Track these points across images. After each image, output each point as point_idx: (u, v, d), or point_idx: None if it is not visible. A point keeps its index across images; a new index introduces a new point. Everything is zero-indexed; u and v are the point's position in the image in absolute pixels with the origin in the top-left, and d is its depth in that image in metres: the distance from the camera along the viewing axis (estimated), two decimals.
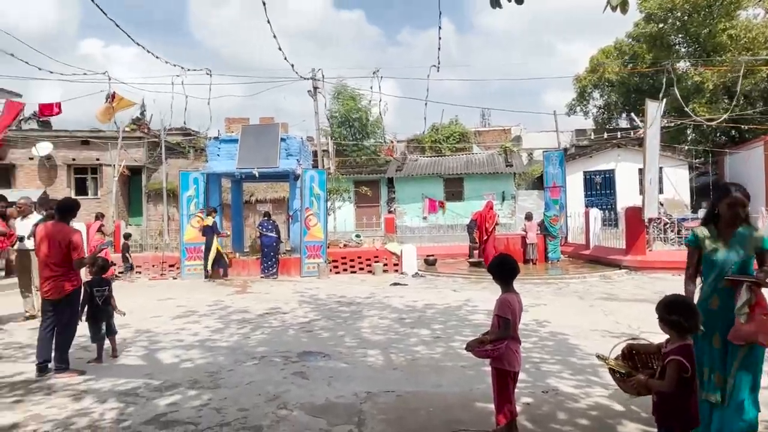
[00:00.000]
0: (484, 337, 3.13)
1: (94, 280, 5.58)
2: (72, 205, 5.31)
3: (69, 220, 5.23)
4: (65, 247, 4.99)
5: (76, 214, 5.41)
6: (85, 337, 5.68)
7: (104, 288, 5.56)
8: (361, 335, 6.55)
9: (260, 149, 13.37)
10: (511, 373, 3.14)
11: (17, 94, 14.05)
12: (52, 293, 5.00)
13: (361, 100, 26.88)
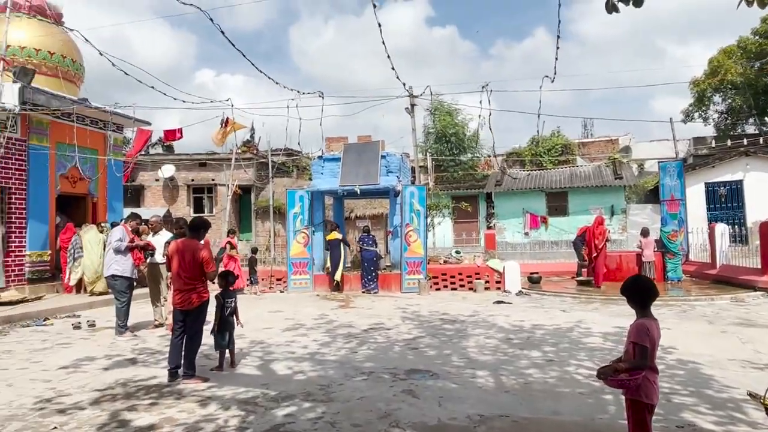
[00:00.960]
0: (618, 365, 2.88)
1: (223, 291, 5.96)
2: (200, 223, 5.72)
3: (199, 236, 5.65)
4: (196, 261, 5.39)
5: (206, 232, 5.82)
6: (206, 345, 6.08)
7: (231, 300, 5.92)
8: (468, 354, 6.39)
9: (362, 167, 13.71)
10: (648, 406, 2.86)
11: (146, 123, 15.59)
12: (183, 304, 5.41)
13: (457, 115, 26.76)
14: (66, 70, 14.14)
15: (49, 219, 12.55)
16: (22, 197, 11.96)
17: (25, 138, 12.02)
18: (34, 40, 13.48)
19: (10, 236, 11.67)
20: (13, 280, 11.63)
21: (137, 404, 4.63)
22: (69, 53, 14.27)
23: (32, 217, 12.09)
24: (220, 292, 5.94)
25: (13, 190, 11.78)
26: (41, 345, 7.32)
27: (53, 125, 12.55)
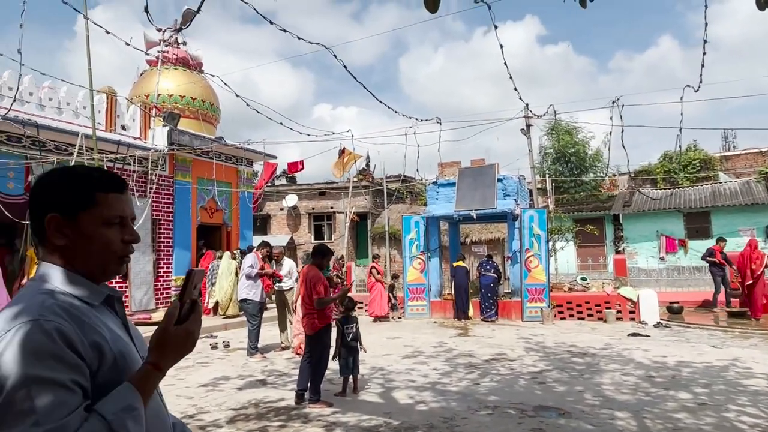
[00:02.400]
0: None
1: (343, 317, 6.07)
2: (318, 250, 5.87)
3: (321, 263, 5.81)
4: (308, 288, 5.55)
5: (327, 259, 5.98)
6: (330, 370, 6.19)
7: (351, 326, 6.01)
8: (603, 392, 5.83)
9: (477, 191, 13.46)
10: None
11: (273, 156, 16.74)
12: (307, 329, 5.58)
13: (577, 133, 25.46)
14: (205, 113, 15.73)
15: (191, 247, 13.85)
16: (169, 228, 13.37)
17: (172, 175, 13.48)
18: (180, 87, 15.20)
19: (159, 263, 13.04)
20: (162, 303, 12.93)
21: (268, 425, 4.79)
22: (208, 97, 15.87)
23: (177, 245, 13.44)
24: (339, 318, 6.05)
25: (162, 221, 13.21)
26: (184, 363, 7.96)
27: (195, 162, 13.94)
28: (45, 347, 0.97)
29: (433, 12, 3.20)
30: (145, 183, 12.62)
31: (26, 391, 0.93)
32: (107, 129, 12.05)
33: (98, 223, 1.16)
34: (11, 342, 0.96)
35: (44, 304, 1.04)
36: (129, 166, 12.01)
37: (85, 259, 1.16)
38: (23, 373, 0.94)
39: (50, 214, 1.13)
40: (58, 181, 1.17)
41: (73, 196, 1.15)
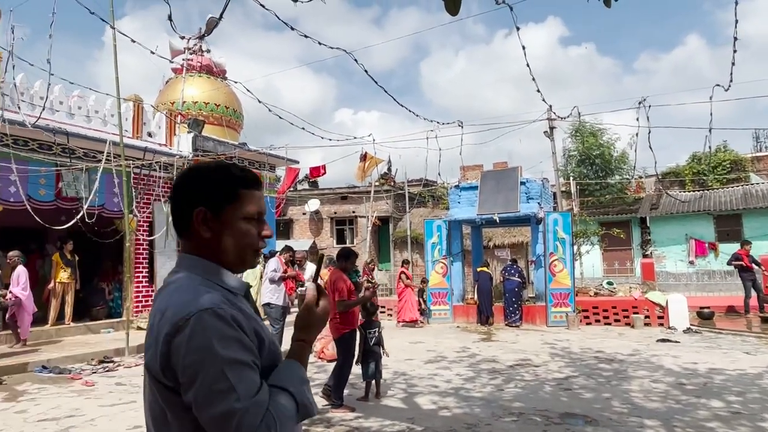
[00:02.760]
0: None
1: (365, 322, 6.06)
2: (342, 253, 5.89)
3: (344, 266, 5.78)
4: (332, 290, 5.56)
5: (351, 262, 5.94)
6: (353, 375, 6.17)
7: (374, 330, 5.98)
8: (631, 400, 5.69)
9: (500, 194, 13.33)
10: None
11: (295, 161, 16.87)
12: (333, 333, 5.58)
13: (602, 135, 25.03)
14: (229, 119, 15.94)
15: None
16: None
17: None
18: (204, 94, 15.45)
19: None
20: None
21: None
22: (231, 104, 16.09)
23: None
24: (361, 323, 6.03)
25: None
26: None
27: None
28: (228, 332, 1.05)
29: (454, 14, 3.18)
30: (170, 189, 12.82)
31: (222, 372, 1.01)
32: (134, 136, 12.30)
33: (240, 218, 1.22)
34: (196, 329, 1.04)
35: (211, 294, 1.11)
36: (155, 172, 12.23)
37: (227, 252, 1.22)
38: (217, 356, 1.02)
39: (198, 208, 1.20)
40: (206, 177, 1.23)
41: (220, 191, 1.21)
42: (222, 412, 1.00)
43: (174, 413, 1.07)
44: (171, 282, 1.20)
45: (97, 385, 6.85)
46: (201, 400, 1.02)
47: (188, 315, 1.05)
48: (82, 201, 10.35)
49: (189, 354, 1.03)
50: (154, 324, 1.11)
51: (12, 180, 9.62)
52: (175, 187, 1.27)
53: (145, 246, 12.21)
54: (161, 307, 1.13)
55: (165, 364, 1.06)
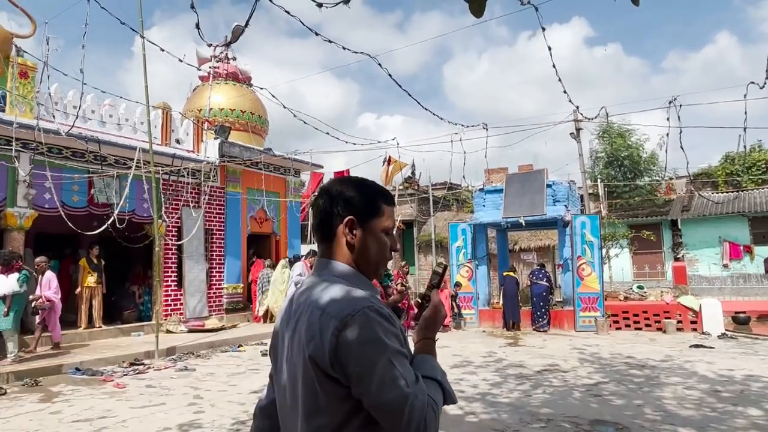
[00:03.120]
0: None
1: None
2: None
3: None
4: None
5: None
6: None
7: None
8: (664, 407, 5.54)
9: (526, 197, 13.18)
10: None
11: (319, 166, 16.98)
12: None
13: (630, 136, 24.54)
14: (254, 125, 16.15)
15: (242, 256, 14.20)
16: (221, 237, 13.76)
17: (223, 186, 13.89)
18: (230, 101, 15.69)
19: (212, 271, 13.43)
20: (214, 310, 13.29)
21: None
22: (256, 110, 16.30)
23: (229, 254, 13.81)
24: None
25: (214, 231, 13.61)
26: (236, 369, 8.14)
27: (244, 173, 14.32)
28: (389, 327, 1.18)
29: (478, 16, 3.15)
30: (198, 194, 13.06)
31: (390, 362, 1.14)
32: (163, 143, 12.56)
33: (380, 230, 1.35)
34: (363, 324, 1.15)
35: (366, 294, 1.24)
36: (183, 178, 12.47)
37: (366, 260, 1.34)
38: (385, 348, 1.15)
39: (348, 217, 1.32)
40: (355, 190, 1.36)
41: (368, 204, 1.35)
42: (396, 397, 1.12)
43: (330, 401, 1.17)
44: (316, 282, 1.31)
45: (128, 387, 6.99)
46: (375, 388, 1.13)
47: (354, 312, 1.16)
48: (113, 207, 10.60)
49: (359, 347, 1.14)
50: (315, 320, 1.20)
51: (47, 187, 9.92)
52: (323, 197, 1.37)
53: (174, 250, 12.44)
54: (316, 304, 1.23)
55: (333, 356, 1.15)
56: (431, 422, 1.15)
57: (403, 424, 1.12)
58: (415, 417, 1.12)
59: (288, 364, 1.27)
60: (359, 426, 1.18)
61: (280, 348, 1.33)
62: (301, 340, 1.22)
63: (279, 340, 1.35)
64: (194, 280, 12.76)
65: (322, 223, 1.35)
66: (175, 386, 6.96)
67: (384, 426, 1.16)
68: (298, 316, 1.27)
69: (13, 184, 9.78)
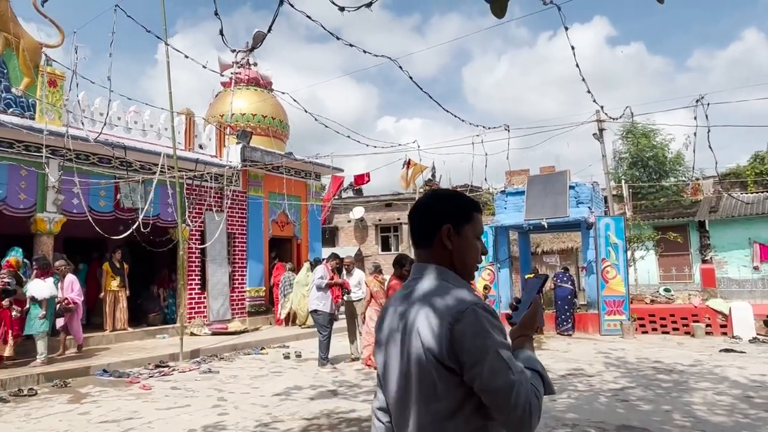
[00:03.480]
0: None
1: None
2: (397, 260, 5.83)
3: (400, 273, 5.69)
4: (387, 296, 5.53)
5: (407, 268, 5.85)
6: None
7: None
8: (693, 413, 5.40)
9: (548, 198, 13.02)
10: None
11: (340, 170, 17.05)
12: None
13: (655, 136, 24.09)
14: (275, 129, 16.31)
15: (264, 259, 14.33)
16: (243, 241, 13.91)
17: (245, 190, 14.05)
18: (251, 106, 15.87)
19: (234, 275, 13.58)
20: (237, 313, 13.43)
21: None
22: (277, 115, 16.45)
23: (251, 257, 13.95)
24: None
25: (237, 235, 13.76)
26: (259, 372, 8.20)
27: (266, 177, 14.46)
28: (495, 323, 1.31)
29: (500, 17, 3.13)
30: (220, 198, 13.23)
31: (498, 353, 1.27)
32: (186, 148, 12.76)
33: (473, 236, 1.49)
34: (474, 319, 1.29)
35: (471, 293, 1.37)
36: (206, 183, 12.64)
37: (462, 263, 1.48)
38: (494, 341, 1.28)
39: (446, 225, 1.46)
40: (450, 200, 1.52)
41: (462, 212, 1.49)
42: (505, 383, 1.24)
43: (446, 388, 1.30)
44: (421, 284, 1.43)
45: (154, 388, 7.10)
46: (487, 376, 1.25)
47: (465, 308, 1.30)
48: (138, 211, 10.80)
49: (472, 339, 1.27)
50: (428, 317, 1.33)
51: (75, 192, 10.16)
52: (420, 206, 1.53)
53: (197, 254, 12.61)
54: (427, 303, 1.36)
55: (449, 348, 1.28)
56: (535, 407, 1.27)
57: (510, 408, 1.24)
58: (521, 402, 1.24)
59: (399, 358, 1.40)
60: (472, 410, 1.31)
61: (386, 347, 1.46)
62: (415, 336, 1.35)
63: (384, 341, 1.48)
64: (217, 283, 12.91)
65: (421, 231, 1.50)
66: (200, 388, 7.04)
67: (493, 409, 1.28)
68: (408, 315, 1.39)
69: (43, 190, 10.04)
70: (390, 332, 1.45)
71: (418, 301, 1.39)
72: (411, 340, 1.36)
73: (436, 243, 1.46)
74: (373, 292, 8.50)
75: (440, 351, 1.29)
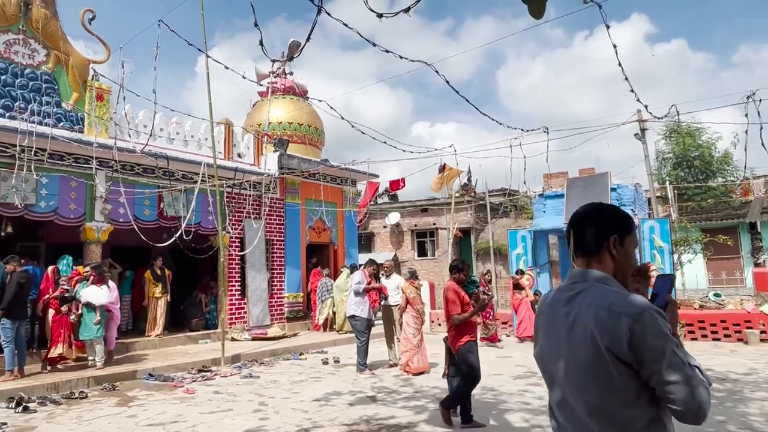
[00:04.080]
0: None
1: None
2: (454, 265, 5.68)
3: (458, 278, 5.57)
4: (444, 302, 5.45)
5: (465, 273, 5.65)
6: (439, 389, 6.05)
7: None
8: (750, 424, 5.14)
9: (588, 201, 12.68)
10: None
11: (375, 176, 17.10)
12: (451, 345, 5.47)
13: (700, 135, 23.27)
14: (311, 137, 16.52)
15: (301, 265, 14.49)
16: (281, 247, 14.11)
17: (282, 197, 14.26)
18: (288, 114, 16.13)
19: (273, 281, 13.78)
20: (276, 319, 13.61)
21: None
22: (313, 122, 16.67)
23: (289, 264, 14.13)
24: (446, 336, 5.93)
25: (275, 241, 13.97)
26: (298, 377, 8.28)
27: (303, 184, 14.64)
28: (666, 324, 1.46)
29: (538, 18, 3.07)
30: (259, 206, 13.47)
31: (674, 351, 1.43)
32: (225, 157, 13.06)
33: (631, 248, 1.66)
34: (652, 321, 1.44)
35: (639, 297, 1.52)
36: (245, 191, 12.90)
37: (624, 270, 1.64)
38: (670, 340, 1.44)
39: (613, 236, 1.63)
40: (615, 214, 1.69)
41: (625, 226, 1.66)
42: (680, 378, 1.40)
43: (623, 381, 1.46)
44: (588, 287, 1.59)
45: (197, 392, 7.25)
46: (664, 371, 1.41)
47: (641, 311, 1.45)
48: (180, 219, 11.11)
49: (651, 338, 1.43)
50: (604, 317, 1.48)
51: (121, 202, 10.53)
52: (586, 217, 1.70)
53: (237, 261, 12.86)
54: (600, 304, 1.51)
55: (628, 345, 1.43)
56: (707, 399, 1.41)
57: (688, 400, 1.39)
58: (696, 394, 1.39)
59: (566, 355, 1.56)
60: (647, 401, 1.46)
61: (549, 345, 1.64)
62: (587, 334, 1.50)
63: (546, 340, 1.66)
64: (257, 289, 13.12)
65: (588, 240, 1.66)
66: (241, 393, 7.16)
67: (671, 402, 1.42)
68: (576, 315, 1.55)
69: (91, 200, 10.45)
70: (555, 332, 1.61)
71: (591, 303, 1.53)
72: (577, 338, 1.52)
73: (603, 252, 1.63)
74: (409, 298, 8.47)
75: (619, 348, 1.44)
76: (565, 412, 1.58)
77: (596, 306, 1.51)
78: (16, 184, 9.20)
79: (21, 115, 9.53)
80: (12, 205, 9.21)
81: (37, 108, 9.90)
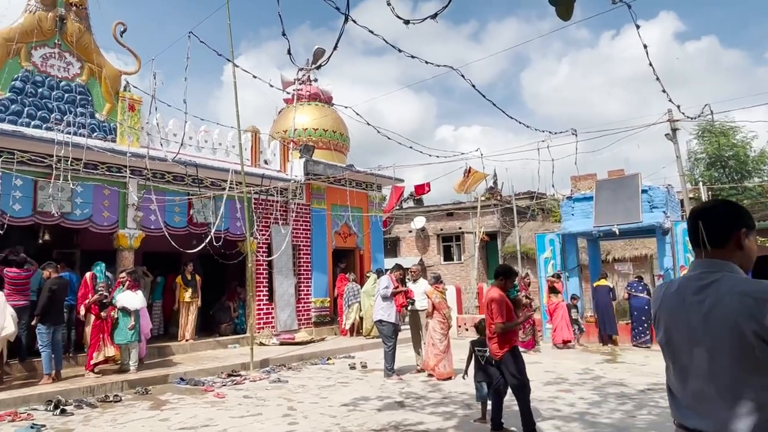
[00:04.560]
0: None
1: (477, 340, 5.89)
2: (500, 270, 5.43)
3: (503, 284, 5.33)
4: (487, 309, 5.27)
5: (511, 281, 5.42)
6: (466, 395, 5.99)
7: (486, 348, 5.75)
8: None
9: (619, 204, 12.44)
10: None
11: (400, 180, 17.10)
12: (492, 353, 5.28)
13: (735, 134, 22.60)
14: (336, 143, 16.63)
15: (328, 271, 14.56)
16: (308, 253, 14.21)
17: (308, 203, 14.37)
18: (313, 121, 16.27)
19: (300, 286, 13.89)
20: (303, 323, 13.71)
21: None
22: (338, 128, 16.78)
23: (315, 269, 14.22)
24: (473, 340, 5.87)
25: (301, 247, 14.08)
26: (326, 382, 8.30)
27: (328, 190, 14.74)
28: None
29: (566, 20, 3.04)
30: (285, 212, 13.61)
31: None
32: (253, 164, 13.24)
33: (754, 242, 1.77)
34: None
35: None
36: (272, 197, 13.05)
37: (748, 261, 1.75)
38: None
39: (741, 229, 1.73)
40: (742, 210, 1.79)
41: (750, 220, 1.76)
42: None
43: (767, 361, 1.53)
44: (721, 277, 1.66)
45: (227, 397, 7.34)
46: None
47: None
48: (210, 226, 11.30)
49: None
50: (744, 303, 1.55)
51: (152, 209, 10.77)
52: (715, 211, 1.78)
53: (265, 266, 13.00)
54: (736, 291, 1.59)
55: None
56: None
57: None
58: None
59: (703, 342, 1.63)
60: None
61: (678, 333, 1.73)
62: (728, 321, 1.57)
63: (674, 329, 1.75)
64: (284, 294, 13.24)
65: (718, 232, 1.74)
66: (270, 397, 7.22)
67: None
68: (712, 303, 1.62)
69: (124, 208, 10.71)
70: (685, 320, 1.69)
71: (729, 291, 1.60)
72: (726, 324, 1.58)
73: (731, 244, 1.72)
74: (435, 303, 8.41)
75: (764, 330, 1.51)
76: (701, 398, 1.64)
77: (737, 293, 1.58)
78: (53, 193, 9.50)
79: (57, 126, 9.84)
80: (49, 213, 9.51)
81: (72, 119, 10.22)
